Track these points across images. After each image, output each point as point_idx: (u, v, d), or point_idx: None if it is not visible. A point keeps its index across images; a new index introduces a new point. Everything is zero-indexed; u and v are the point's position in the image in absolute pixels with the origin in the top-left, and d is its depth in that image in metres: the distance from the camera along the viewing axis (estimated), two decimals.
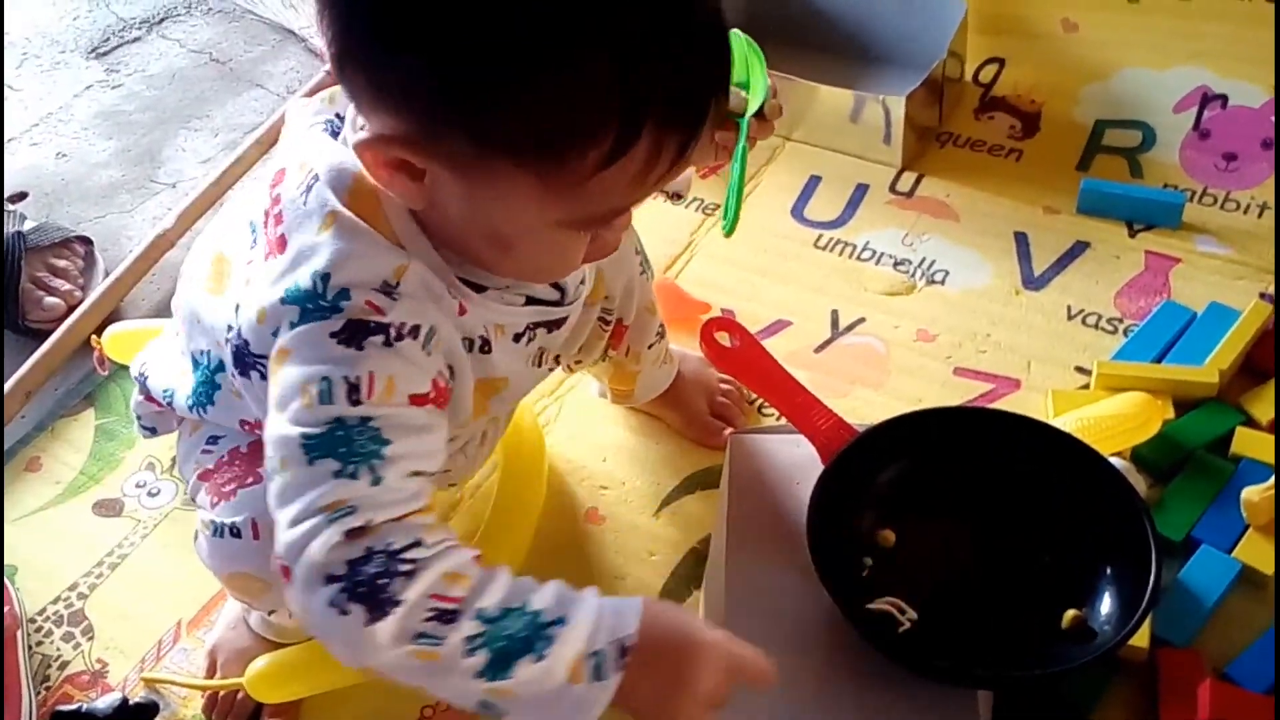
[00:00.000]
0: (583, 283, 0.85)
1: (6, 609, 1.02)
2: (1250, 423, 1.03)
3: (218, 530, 0.82)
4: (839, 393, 1.11)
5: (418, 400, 0.69)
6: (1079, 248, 1.23)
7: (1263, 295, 1.14)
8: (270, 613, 0.93)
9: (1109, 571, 0.84)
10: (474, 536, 1.02)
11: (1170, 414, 1.03)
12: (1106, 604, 0.83)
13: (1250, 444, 1.01)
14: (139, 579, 1.08)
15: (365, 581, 0.63)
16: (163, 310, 1.22)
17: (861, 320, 1.19)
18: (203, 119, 1.59)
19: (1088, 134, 1.34)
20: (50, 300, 1.29)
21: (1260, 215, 1.23)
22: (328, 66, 1.21)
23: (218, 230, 0.84)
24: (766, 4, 1.48)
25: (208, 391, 0.82)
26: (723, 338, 0.99)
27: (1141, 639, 0.88)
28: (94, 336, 1.18)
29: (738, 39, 0.86)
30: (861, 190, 1.33)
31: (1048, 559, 0.86)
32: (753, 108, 0.86)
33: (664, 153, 0.64)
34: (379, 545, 0.63)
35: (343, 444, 0.65)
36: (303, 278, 0.68)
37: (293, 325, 0.68)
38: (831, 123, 1.35)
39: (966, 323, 1.18)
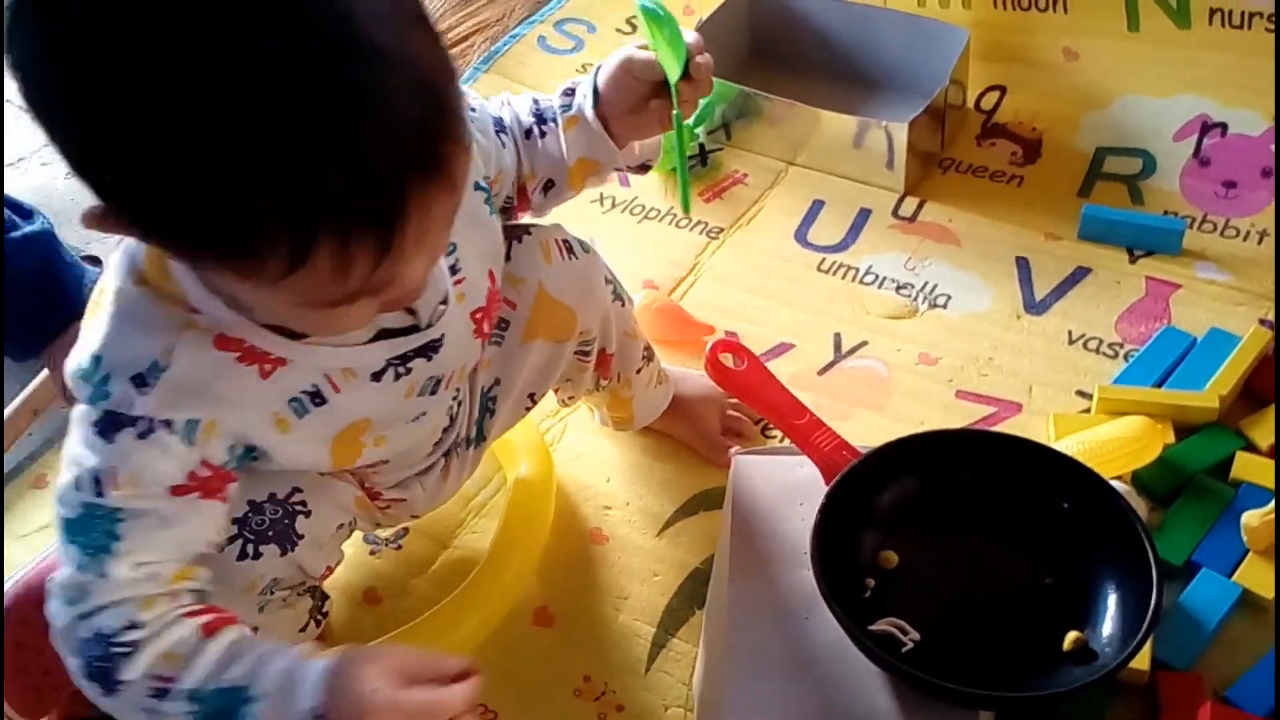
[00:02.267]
0: (444, 302, 0.78)
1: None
2: (1250, 447, 1.04)
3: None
4: (842, 415, 1.12)
5: (178, 490, 0.71)
6: (1080, 273, 1.24)
7: (1262, 321, 1.15)
8: None
9: (1110, 594, 0.85)
10: (482, 556, 1.03)
11: (1171, 438, 1.04)
12: (1108, 626, 0.83)
13: (1250, 469, 1.01)
14: None
15: (93, 662, 0.69)
16: None
17: (864, 343, 1.20)
18: None
19: (1088, 161, 1.35)
20: None
21: (1260, 242, 1.24)
22: None
23: None
24: (771, 31, 1.50)
25: None
26: (727, 359, 1.00)
27: (1142, 661, 0.88)
28: None
29: (643, 9, 0.86)
30: (864, 215, 1.34)
31: (1049, 581, 0.87)
32: (673, 75, 0.85)
33: (356, 257, 0.58)
34: (99, 630, 0.69)
35: (83, 532, 0.69)
36: (84, 356, 0.69)
37: (77, 400, 0.70)
38: (835, 148, 1.36)
39: (968, 347, 1.19)
